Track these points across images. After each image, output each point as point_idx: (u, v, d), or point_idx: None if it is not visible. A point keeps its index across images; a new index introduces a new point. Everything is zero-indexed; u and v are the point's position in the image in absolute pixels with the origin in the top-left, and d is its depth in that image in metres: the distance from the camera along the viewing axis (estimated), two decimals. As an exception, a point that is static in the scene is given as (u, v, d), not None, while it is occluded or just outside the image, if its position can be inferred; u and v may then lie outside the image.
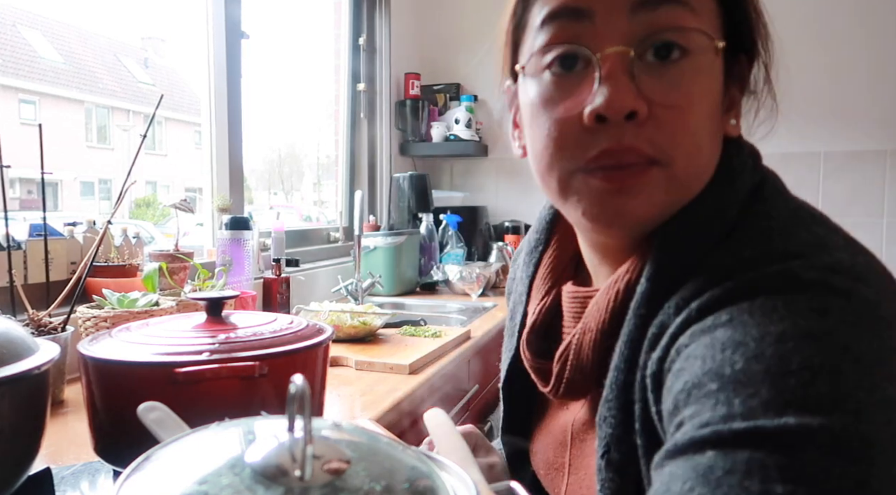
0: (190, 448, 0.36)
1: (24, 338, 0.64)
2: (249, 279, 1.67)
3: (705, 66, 0.51)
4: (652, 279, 0.51)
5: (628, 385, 0.50)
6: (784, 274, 0.44)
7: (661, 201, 0.52)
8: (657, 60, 0.50)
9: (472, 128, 2.89)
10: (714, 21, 0.53)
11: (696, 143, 0.52)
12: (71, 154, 5.04)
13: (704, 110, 0.52)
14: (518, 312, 0.70)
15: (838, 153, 2.60)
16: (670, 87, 0.50)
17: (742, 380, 0.39)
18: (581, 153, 0.52)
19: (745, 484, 0.35)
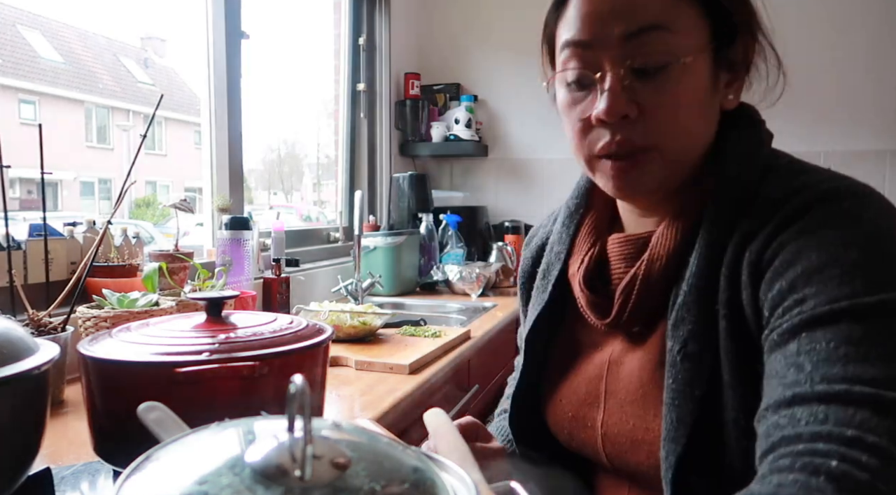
0: (190, 448, 0.36)
1: (23, 338, 0.64)
2: (249, 279, 1.67)
3: (686, 69, 0.66)
4: (718, 205, 0.66)
5: (709, 287, 0.63)
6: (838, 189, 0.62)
7: (661, 176, 0.69)
8: (644, 73, 0.65)
9: (472, 128, 2.89)
10: (696, 28, 0.67)
11: (682, 130, 0.68)
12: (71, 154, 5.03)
13: (688, 103, 0.67)
14: (555, 268, 0.82)
15: (838, 153, 2.60)
16: (655, 92, 0.65)
17: (859, 266, 0.55)
18: (594, 145, 0.69)
19: (881, 341, 0.51)
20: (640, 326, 0.72)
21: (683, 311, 0.64)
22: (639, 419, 0.69)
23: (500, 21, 2.98)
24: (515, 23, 2.95)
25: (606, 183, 0.71)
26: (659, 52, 0.65)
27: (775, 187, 0.64)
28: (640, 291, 0.70)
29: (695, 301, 0.64)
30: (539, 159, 2.95)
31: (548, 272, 0.83)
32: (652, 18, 0.65)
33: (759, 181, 0.66)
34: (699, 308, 0.64)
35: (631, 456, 0.70)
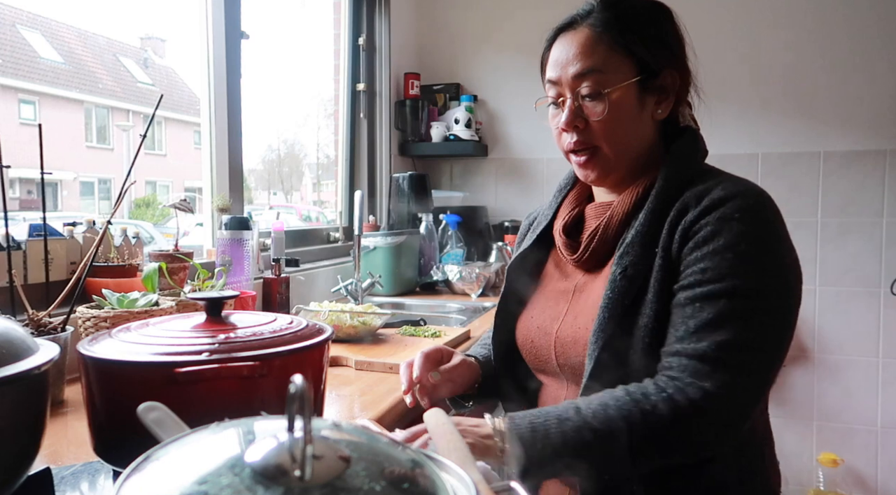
0: (190, 448, 0.36)
1: (23, 338, 0.64)
2: (249, 279, 1.67)
3: (615, 99, 0.97)
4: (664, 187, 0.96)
5: (650, 236, 0.94)
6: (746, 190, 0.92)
7: (605, 166, 1.01)
8: (589, 98, 0.98)
9: (472, 128, 2.89)
10: (623, 70, 0.98)
11: (613, 136, 0.99)
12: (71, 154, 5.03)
13: (615, 118, 0.98)
14: (541, 224, 1.15)
15: (838, 153, 2.59)
16: (595, 110, 0.98)
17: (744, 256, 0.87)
18: (564, 144, 1.03)
19: (738, 316, 0.85)
20: (597, 262, 1.02)
21: (629, 248, 0.94)
22: (583, 325, 0.97)
23: (500, 21, 2.98)
24: (515, 23, 2.95)
25: (576, 170, 1.05)
26: (595, 86, 0.97)
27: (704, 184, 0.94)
28: (601, 236, 1.00)
29: (638, 243, 0.94)
30: (539, 159, 2.95)
31: (535, 227, 1.17)
32: (591, 65, 0.97)
33: (691, 177, 0.97)
34: (641, 248, 0.94)
35: (572, 350, 0.98)
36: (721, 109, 1.11)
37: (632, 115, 0.99)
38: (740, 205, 0.89)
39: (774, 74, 2.63)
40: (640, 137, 1.02)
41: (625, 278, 0.92)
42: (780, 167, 2.63)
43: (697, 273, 0.88)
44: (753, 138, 2.66)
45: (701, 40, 1.09)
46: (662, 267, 0.91)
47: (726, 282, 0.85)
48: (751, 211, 0.89)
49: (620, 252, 0.95)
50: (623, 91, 0.97)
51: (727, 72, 2.63)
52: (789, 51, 2.62)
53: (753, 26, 2.65)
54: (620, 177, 1.03)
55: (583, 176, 1.04)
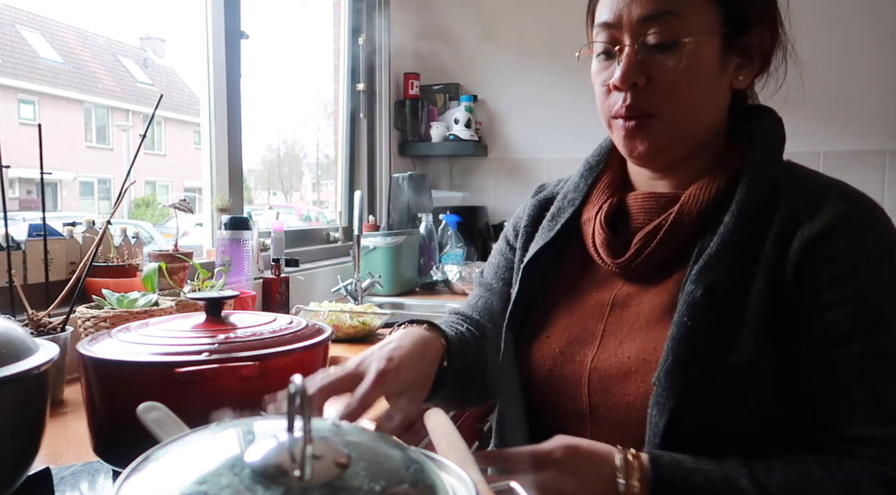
0: (189, 448, 0.36)
1: (23, 338, 0.64)
2: (249, 279, 1.67)
3: (692, 51, 0.75)
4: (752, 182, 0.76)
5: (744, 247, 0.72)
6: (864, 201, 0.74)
7: (662, 140, 0.78)
8: (656, 48, 0.76)
9: (472, 127, 2.89)
10: (706, 14, 0.76)
11: (683, 101, 0.77)
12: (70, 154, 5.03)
13: (690, 78, 0.76)
14: (566, 212, 0.90)
15: (838, 153, 2.59)
16: (663, 66, 0.76)
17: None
18: (611, 107, 0.79)
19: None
20: (648, 270, 0.80)
21: (714, 260, 0.72)
22: (634, 354, 0.76)
23: (500, 21, 2.98)
24: (515, 23, 2.95)
25: (620, 143, 0.81)
26: (668, 33, 0.75)
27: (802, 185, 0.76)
28: (663, 238, 0.78)
29: (727, 255, 0.72)
30: (539, 159, 2.95)
31: (557, 215, 0.92)
32: (665, 5, 0.75)
33: (779, 174, 0.78)
34: (731, 262, 0.72)
35: (619, 387, 0.76)
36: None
37: (709, 77, 0.77)
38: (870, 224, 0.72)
39: (774, 74, 2.63)
40: (712, 107, 0.80)
41: (711, 301, 0.71)
42: (779, 167, 2.63)
43: (847, 322, 0.68)
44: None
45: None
46: (767, 293, 0.70)
47: (891, 335, 0.67)
48: (886, 232, 0.72)
49: (701, 265, 0.73)
50: (704, 43, 0.75)
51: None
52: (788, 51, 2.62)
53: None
54: (675, 157, 0.80)
55: (627, 149, 0.80)
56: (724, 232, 0.73)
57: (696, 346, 0.69)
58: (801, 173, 0.80)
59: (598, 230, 0.84)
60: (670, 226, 0.78)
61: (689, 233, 0.77)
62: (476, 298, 1.00)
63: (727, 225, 0.74)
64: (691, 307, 0.71)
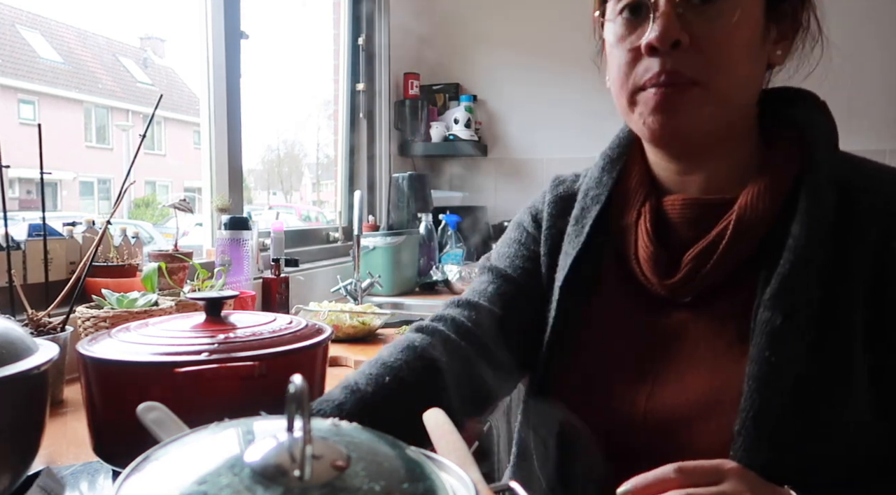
0: (189, 448, 0.36)
1: (23, 338, 0.64)
2: (249, 279, 1.67)
3: (740, 6, 0.64)
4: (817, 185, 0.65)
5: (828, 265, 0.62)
6: None
7: (703, 114, 0.65)
8: (700, 2, 0.64)
9: (472, 127, 2.89)
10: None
11: (731, 67, 0.65)
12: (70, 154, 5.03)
13: (739, 41, 0.65)
14: (591, 211, 0.76)
15: (837, 153, 2.60)
16: (709, 22, 0.63)
17: None
18: (641, 75, 0.66)
19: None
20: (704, 293, 0.68)
21: (790, 281, 0.61)
22: (702, 397, 0.64)
23: (500, 21, 2.98)
24: (515, 23, 2.95)
25: (646, 118, 0.67)
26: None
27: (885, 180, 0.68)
28: (721, 258, 0.66)
29: (805, 273, 0.62)
30: (539, 159, 2.95)
31: (582, 217, 0.77)
32: None
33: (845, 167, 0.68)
34: (812, 281, 0.62)
35: (686, 435, 0.64)
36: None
37: (756, 42, 0.67)
38: None
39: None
40: (756, 81, 0.70)
41: (795, 327, 0.60)
42: (779, 167, 2.63)
43: None
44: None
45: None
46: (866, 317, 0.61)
47: None
48: None
49: (776, 288, 0.62)
50: (750, 2, 0.65)
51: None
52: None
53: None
54: (707, 139, 0.68)
55: (658, 122, 0.66)
56: (795, 246, 0.62)
57: (784, 386, 0.59)
58: (867, 167, 0.69)
59: (645, 242, 0.71)
60: (728, 242, 0.66)
61: (751, 248, 0.66)
62: (485, 284, 0.83)
63: (798, 238, 0.63)
64: (772, 338, 0.60)
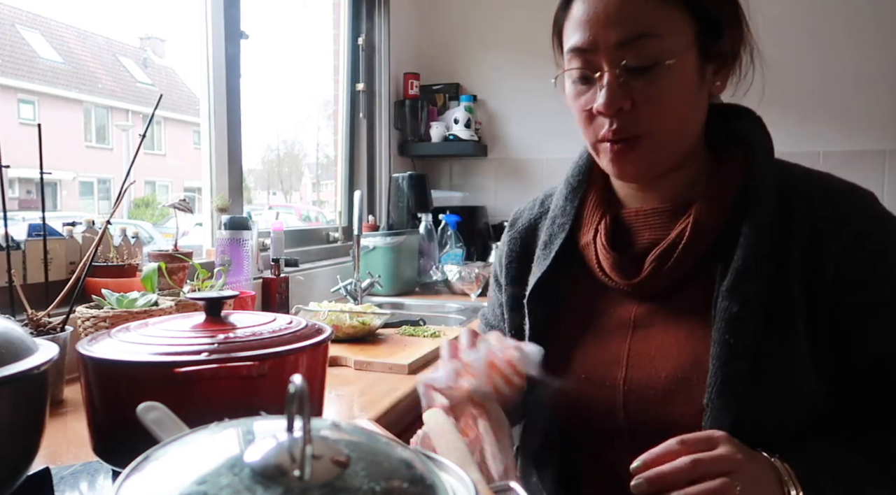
0: (189, 448, 0.36)
1: (23, 338, 0.64)
2: (248, 279, 1.67)
3: (672, 68, 0.73)
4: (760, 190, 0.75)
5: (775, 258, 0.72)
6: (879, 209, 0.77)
7: (652, 159, 0.78)
8: (637, 71, 0.74)
9: (472, 128, 2.89)
10: (682, 30, 0.74)
11: (672, 119, 0.76)
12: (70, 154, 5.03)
13: (675, 96, 0.75)
14: (558, 238, 0.88)
15: (838, 153, 2.60)
16: (647, 87, 0.74)
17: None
18: (595, 132, 0.78)
19: None
20: (663, 289, 0.80)
21: (744, 274, 0.72)
22: (672, 374, 0.75)
23: (500, 21, 2.98)
24: (515, 23, 2.95)
25: (608, 165, 0.80)
26: (648, 56, 0.73)
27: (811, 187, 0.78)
28: (681, 255, 0.77)
29: (757, 266, 0.72)
30: (538, 159, 2.95)
31: (549, 243, 0.89)
32: (641, 28, 0.73)
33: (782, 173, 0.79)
34: (763, 273, 0.72)
35: (662, 408, 0.75)
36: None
37: (691, 91, 0.76)
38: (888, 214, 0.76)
39: (774, 74, 2.63)
40: (697, 119, 0.79)
41: (749, 314, 0.71)
42: (779, 167, 2.63)
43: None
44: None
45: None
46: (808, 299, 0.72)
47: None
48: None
49: (731, 281, 0.72)
50: (684, 60, 0.74)
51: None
52: (789, 51, 2.62)
53: (754, 26, 2.64)
54: (664, 171, 0.80)
55: (616, 172, 0.80)
56: (747, 244, 0.73)
57: (743, 363, 0.70)
58: (802, 173, 0.81)
59: (603, 253, 0.83)
60: (687, 242, 0.76)
61: (706, 247, 0.77)
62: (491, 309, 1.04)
63: (748, 236, 0.73)
64: (730, 323, 0.71)
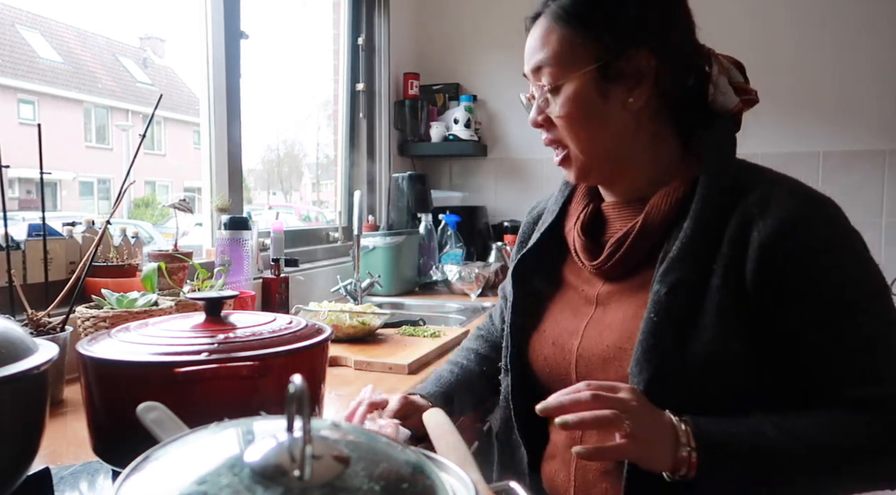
0: (189, 448, 0.36)
1: (23, 338, 0.64)
2: (248, 279, 1.67)
3: (572, 92, 0.88)
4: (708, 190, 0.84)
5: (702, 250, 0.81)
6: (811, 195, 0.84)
7: (580, 168, 0.92)
8: (549, 94, 0.90)
9: (471, 127, 2.89)
10: (578, 59, 0.87)
11: (577, 134, 0.90)
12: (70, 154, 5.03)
13: (575, 113, 0.88)
14: (546, 222, 1.05)
15: (838, 153, 2.60)
16: (552, 107, 0.90)
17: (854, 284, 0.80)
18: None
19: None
20: (622, 271, 0.91)
21: (675, 263, 0.82)
22: (612, 343, 0.87)
23: (500, 21, 2.98)
24: (514, 23, 2.93)
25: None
26: (549, 80, 0.89)
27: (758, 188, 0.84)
28: (632, 243, 0.88)
29: (687, 257, 0.82)
30: (538, 159, 2.95)
31: (541, 225, 1.06)
32: (542, 57, 0.89)
33: (735, 178, 0.86)
34: (691, 263, 0.81)
35: (601, 373, 0.87)
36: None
37: (594, 108, 0.88)
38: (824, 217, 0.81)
39: (775, 74, 2.63)
40: (613, 132, 0.89)
41: (673, 297, 0.80)
42: (779, 167, 2.62)
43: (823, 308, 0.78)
44: (753, 138, 2.65)
45: (702, 39, 1.09)
46: (725, 287, 0.80)
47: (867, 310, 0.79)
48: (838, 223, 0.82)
49: (664, 267, 0.82)
50: (577, 83, 0.87)
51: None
52: (790, 51, 2.62)
53: (755, 26, 2.65)
54: (605, 175, 0.94)
55: (566, 176, 0.97)
56: (682, 237, 0.83)
57: (661, 338, 0.80)
58: (756, 173, 0.87)
59: (577, 237, 0.97)
60: (637, 232, 0.88)
61: (655, 237, 0.87)
62: (498, 309, 1.18)
63: (685, 230, 0.83)
64: (656, 304, 0.81)
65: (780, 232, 0.78)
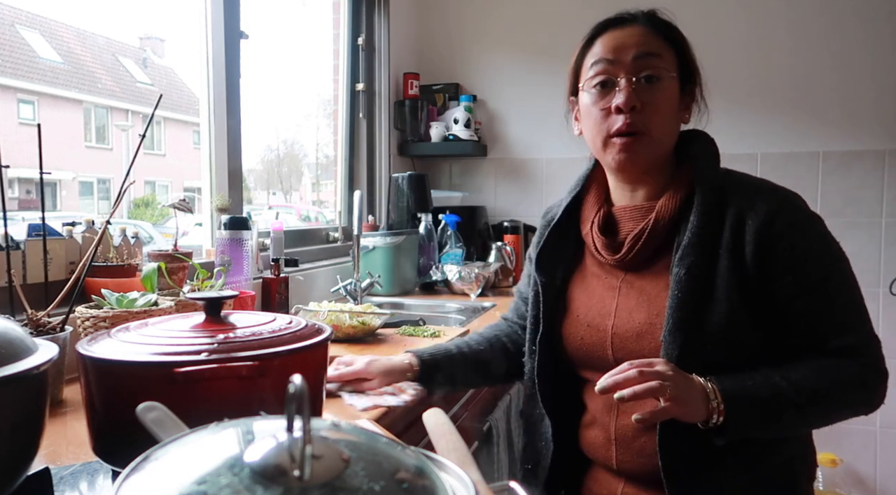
0: (189, 448, 0.36)
1: (22, 338, 0.64)
2: (248, 279, 1.67)
3: (668, 86, 1.06)
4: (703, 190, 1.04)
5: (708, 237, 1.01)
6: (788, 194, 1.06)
7: (648, 153, 1.06)
8: (645, 82, 1.04)
9: (471, 127, 2.89)
10: (673, 63, 1.07)
11: (663, 123, 1.06)
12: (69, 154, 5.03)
13: (667, 107, 1.06)
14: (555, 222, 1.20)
15: (837, 153, 2.60)
16: (651, 95, 1.04)
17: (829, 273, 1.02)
18: (610, 126, 1.06)
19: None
20: (640, 262, 1.08)
21: (689, 249, 1.01)
22: (643, 320, 1.05)
23: (500, 21, 2.98)
24: (515, 23, 2.95)
25: (616, 156, 1.06)
26: (655, 69, 1.05)
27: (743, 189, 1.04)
28: (648, 237, 1.06)
29: (697, 244, 1.01)
30: (538, 159, 2.95)
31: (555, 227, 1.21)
32: (653, 49, 1.05)
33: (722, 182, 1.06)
34: (700, 248, 1.01)
35: (635, 345, 1.05)
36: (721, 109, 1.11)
37: (675, 107, 1.08)
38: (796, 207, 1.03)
39: (775, 74, 2.63)
40: (675, 131, 1.10)
41: (691, 278, 0.99)
42: (779, 167, 2.63)
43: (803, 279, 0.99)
44: (753, 138, 2.66)
45: (702, 39, 1.11)
46: (731, 267, 0.99)
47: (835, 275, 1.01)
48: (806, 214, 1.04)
49: (680, 254, 1.02)
50: (672, 81, 1.06)
51: (728, 71, 2.63)
52: (790, 51, 2.62)
53: (755, 26, 2.65)
54: (648, 168, 1.09)
55: (618, 162, 1.07)
56: (691, 228, 1.02)
57: (685, 310, 0.99)
58: (737, 177, 1.08)
59: (597, 237, 1.13)
60: (651, 228, 1.06)
61: (665, 232, 1.06)
62: (513, 305, 1.37)
63: (693, 223, 1.02)
64: (678, 283, 1.00)
65: (768, 220, 0.99)
